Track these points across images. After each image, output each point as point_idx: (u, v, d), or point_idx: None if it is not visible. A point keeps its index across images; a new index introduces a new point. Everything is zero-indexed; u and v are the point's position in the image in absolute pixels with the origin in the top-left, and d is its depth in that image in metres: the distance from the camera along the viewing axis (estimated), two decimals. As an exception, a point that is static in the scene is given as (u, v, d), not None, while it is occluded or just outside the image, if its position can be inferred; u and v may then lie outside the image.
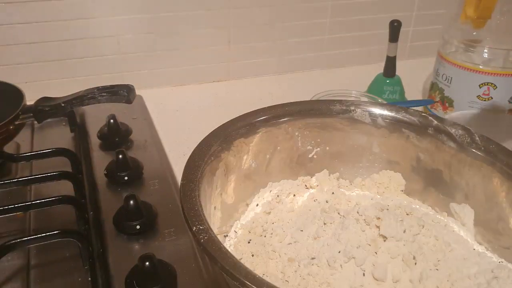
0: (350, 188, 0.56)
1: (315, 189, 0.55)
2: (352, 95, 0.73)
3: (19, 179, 0.55)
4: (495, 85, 0.68)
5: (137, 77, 0.83)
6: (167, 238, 0.49)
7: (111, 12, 0.77)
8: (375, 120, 0.53)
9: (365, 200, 0.53)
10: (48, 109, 0.60)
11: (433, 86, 0.76)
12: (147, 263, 0.42)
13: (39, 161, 0.60)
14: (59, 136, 0.69)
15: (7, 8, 0.71)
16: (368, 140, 0.54)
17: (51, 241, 0.46)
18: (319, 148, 0.55)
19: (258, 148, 0.52)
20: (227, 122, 0.50)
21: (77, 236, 0.47)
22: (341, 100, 0.55)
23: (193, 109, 0.79)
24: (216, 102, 0.82)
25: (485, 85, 0.68)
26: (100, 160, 0.61)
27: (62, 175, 0.55)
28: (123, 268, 0.44)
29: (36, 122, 0.61)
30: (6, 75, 0.71)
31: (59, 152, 0.60)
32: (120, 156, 0.57)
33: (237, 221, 0.51)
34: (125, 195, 0.50)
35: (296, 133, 0.54)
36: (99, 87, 0.60)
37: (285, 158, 0.54)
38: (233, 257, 0.34)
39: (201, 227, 0.36)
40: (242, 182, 0.51)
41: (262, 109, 0.52)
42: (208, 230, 0.36)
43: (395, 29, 0.76)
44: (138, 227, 0.49)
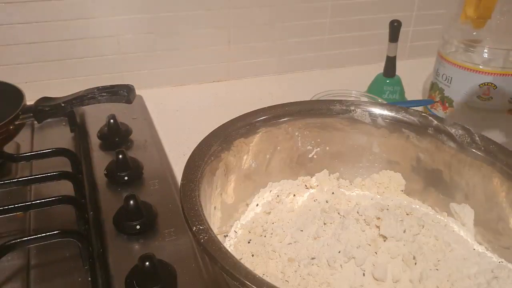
0: (350, 188, 0.56)
1: (315, 189, 0.55)
2: (352, 95, 0.73)
3: (19, 179, 0.55)
4: (495, 85, 0.68)
5: (137, 77, 0.83)
6: (167, 238, 0.49)
7: (111, 12, 0.77)
8: (375, 120, 0.53)
9: (365, 200, 0.53)
10: (48, 109, 0.60)
11: (433, 86, 0.76)
12: (147, 263, 0.42)
13: (39, 161, 0.60)
14: (59, 136, 0.69)
15: (7, 8, 0.71)
16: (368, 140, 0.54)
17: (51, 241, 0.46)
18: (319, 148, 0.55)
19: (258, 148, 0.52)
20: (227, 122, 0.50)
21: (77, 236, 0.47)
22: (341, 100, 0.55)
23: (193, 109, 0.79)
24: (216, 102, 0.82)
25: (485, 85, 0.68)
26: (100, 160, 0.61)
27: (62, 175, 0.55)
28: (123, 268, 0.44)
29: (36, 122, 0.61)
30: (6, 75, 0.71)
31: (59, 152, 0.60)
32: (120, 156, 0.57)
33: (237, 221, 0.51)
34: (125, 195, 0.50)
35: (296, 133, 0.54)
36: (99, 87, 0.60)
37: (285, 158, 0.54)
38: (233, 257, 0.34)
39: (201, 227, 0.36)
40: (242, 182, 0.51)
41: (262, 109, 0.52)
42: (208, 230, 0.36)
43: (395, 29, 0.76)
44: (138, 227, 0.49)
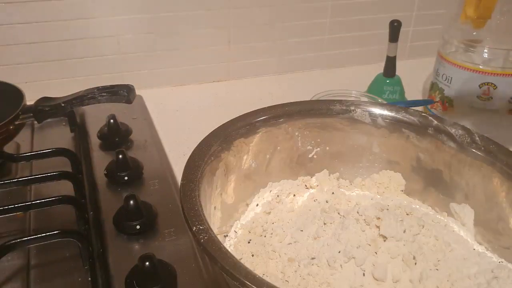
0: (350, 188, 0.56)
1: (315, 189, 0.55)
2: (352, 95, 0.73)
3: (19, 179, 0.55)
4: (495, 85, 0.68)
5: (137, 77, 0.83)
6: (167, 238, 0.49)
7: (111, 12, 0.77)
8: (375, 120, 0.53)
9: (365, 200, 0.53)
10: (48, 109, 0.60)
11: (433, 86, 0.76)
12: (147, 263, 0.42)
13: (39, 161, 0.60)
14: (59, 136, 0.69)
15: (7, 8, 0.71)
16: (368, 140, 0.54)
17: (51, 241, 0.46)
18: (319, 148, 0.55)
19: (258, 148, 0.52)
20: (227, 122, 0.50)
21: (77, 236, 0.47)
22: (341, 100, 0.55)
23: (193, 109, 0.79)
24: (216, 102, 0.82)
25: (485, 85, 0.68)
26: (100, 160, 0.61)
27: (62, 175, 0.55)
28: (123, 268, 0.44)
29: (36, 122, 0.61)
30: (6, 75, 0.71)
31: (59, 152, 0.60)
32: (120, 156, 0.57)
33: (237, 221, 0.51)
34: (125, 195, 0.50)
35: (296, 133, 0.54)
36: (99, 87, 0.60)
37: (285, 158, 0.54)
38: (233, 257, 0.34)
39: (201, 227, 0.36)
40: (242, 182, 0.51)
41: (262, 109, 0.52)
42: (208, 230, 0.36)
43: (395, 29, 0.76)
44: (138, 227, 0.49)
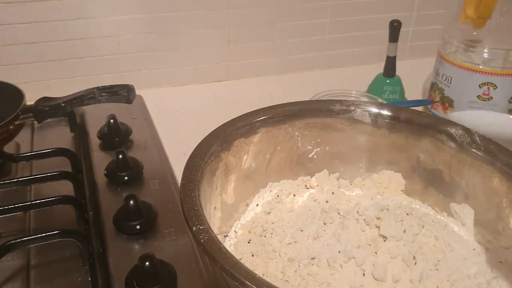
0: (350, 188, 0.56)
1: (315, 189, 0.55)
2: (352, 95, 0.73)
3: (19, 179, 0.55)
4: (495, 85, 0.68)
5: (137, 77, 0.83)
6: (167, 238, 0.49)
7: (111, 12, 0.77)
8: (375, 120, 0.53)
9: (365, 200, 0.53)
10: (48, 109, 0.60)
11: (433, 86, 0.76)
12: (147, 263, 0.42)
13: (39, 161, 0.60)
14: (59, 136, 0.69)
15: (7, 8, 0.71)
16: (368, 140, 0.54)
17: (51, 241, 0.46)
18: (319, 148, 0.55)
19: (258, 148, 0.52)
20: (227, 122, 0.50)
21: (77, 236, 0.47)
22: (341, 100, 0.55)
23: (193, 109, 0.79)
24: (216, 102, 0.82)
25: (485, 85, 0.68)
26: (100, 160, 0.61)
27: (62, 175, 0.55)
28: (123, 268, 0.44)
29: (36, 122, 0.61)
30: (6, 75, 0.71)
31: (59, 152, 0.60)
32: (120, 156, 0.57)
33: (237, 221, 0.51)
34: (125, 195, 0.50)
35: (296, 133, 0.54)
36: (99, 87, 0.60)
37: (285, 158, 0.54)
38: (233, 257, 0.34)
39: (201, 227, 0.36)
40: (242, 182, 0.51)
41: (262, 109, 0.52)
42: (208, 230, 0.36)
43: (395, 29, 0.76)
44: (138, 227, 0.49)
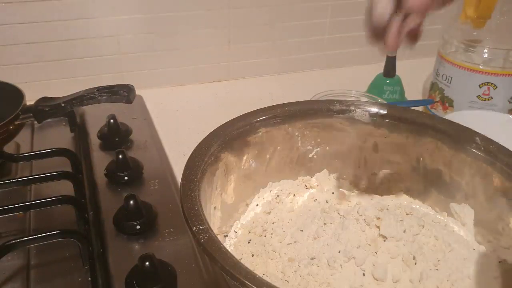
0: (350, 188, 0.56)
1: (315, 189, 0.55)
2: (352, 95, 0.73)
3: (19, 179, 0.55)
4: (495, 85, 0.68)
5: (137, 77, 0.83)
6: (167, 238, 0.49)
7: (111, 12, 0.77)
8: (375, 120, 0.53)
9: (365, 200, 0.53)
10: (48, 109, 0.60)
11: (433, 86, 0.76)
12: (147, 263, 0.42)
13: (39, 161, 0.60)
14: (59, 136, 0.69)
15: (7, 8, 0.71)
16: (368, 140, 0.54)
17: (51, 241, 0.46)
18: (319, 148, 0.55)
19: (258, 148, 0.52)
20: (227, 122, 0.50)
21: (77, 236, 0.47)
22: (341, 100, 0.55)
23: (193, 109, 0.79)
24: (216, 102, 0.82)
25: (485, 85, 0.68)
26: (100, 160, 0.61)
27: (62, 175, 0.55)
28: (123, 268, 0.44)
29: (36, 122, 0.61)
30: (6, 75, 0.71)
31: (59, 152, 0.60)
32: (120, 156, 0.57)
33: (237, 221, 0.51)
34: (125, 195, 0.50)
35: (296, 133, 0.54)
36: (99, 87, 0.60)
37: (285, 158, 0.54)
38: (233, 257, 0.34)
39: (201, 227, 0.36)
40: (242, 182, 0.51)
41: (262, 109, 0.52)
42: (208, 230, 0.36)
43: (395, 29, 0.76)
44: (138, 227, 0.49)
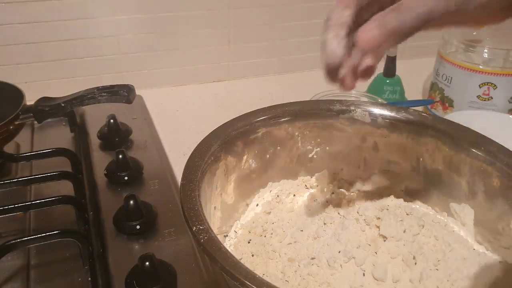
0: (350, 188, 0.56)
1: (315, 189, 0.55)
2: (352, 95, 0.73)
3: (19, 179, 0.55)
4: (495, 85, 0.68)
5: (137, 77, 0.83)
6: (167, 238, 0.49)
7: (111, 12, 0.77)
8: (375, 120, 0.53)
9: (365, 200, 0.53)
10: (48, 109, 0.60)
11: (433, 86, 0.76)
12: (147, 263, 0.42)
13: (39, 161, 0.60)
14: (59, 136, 0.69)
15: (7, 8, 0.71)
16: (368, 140, 0.54)
17: (51, 241, 0.46)
18: (319, 148, 0.55)
19: (258, 148, 0.52)
20: (227, 122, 0.50)
21: (77, 236, 0.47)
22: (341, 100, 0.55)
23: (193, 109, 0.79)
24: (216, 102, 0.82)
25: (485, 85, 0.68)
26: (100, 160, 0.61)
27: (62, 175, 0.55)
28: (123, 268, 0.44)
29: (36, 122, 0.61)
30: (6, 75, 0.71)
31: (59, 152, 0.60)
32: (120, 156, 0.57)
33: (237, 221, 0.51)
34: (125, 195, 0.50)
35: (296, 133, 0.54)
36: (99, 87, 0.60)
37: (285, 158, 0.54)
38: (233, 257, 0.34)
39: (201, 227, 0.36)
40: (242, 182, 0.51)
41: (262, 109, 0.52)
42: (208, 230, 0.36)
43: (395, 29, 0.76)
44: (138, 227, 0.49)
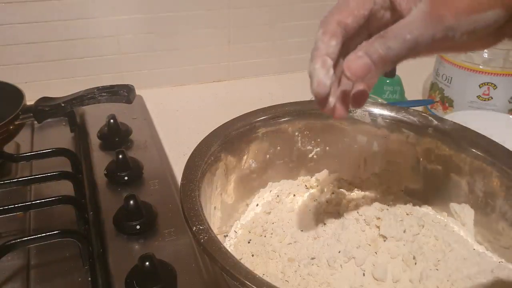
0: (350, 188, 0.56)
1: (315, 189, 0.55)
2: (352, 95, 0.73)
3: (19, 179, 0.55)
4: (495, 85, 0.68)
5: (137, 77, 0.83)
6: (167, 238, 0.49)
7: (111, 12, 0.77)
8: (375, 120, 0.53)
9: (365, 200, 0.53)
10: (48, 109, 0.60)
11: (433, 86, 0.76)
12: (147, 263, 0.42)
13: (39, 161, 0.60)
14: (59, 136, 0.69)
15: (7, 8, 0.71)
16: (368, 140, 0.54)
17: (51, 241, 0.46)
18: (319, 148, 0.55)
19: (258, 148, 0.52)
20: (227, 122, 0.50)
21: (77, 236, 0.47)
22: (341, 100, 0.55)
23: (193, 109, 0.79)
24: (216, 102, 0.82)
25: (485, 85, 0.68)
26: (100, 160, 0.61)
27: (62, 175, 0.55)
28: (123, 268, 0.44)
29: (36, 122, 0.61)
30: (6, 75, 0.71)
31: (59, 152, 0.60)
32: (120, 156, 0.57)
33: (237, 221, 0.51)
34: (125, 195, 0.50)
35: (296, 133, 0.54)
36: (99, 87, 0.60)
37: (285, 158, 0.54)
38: (233, 257, 0.34)
39: (201, 227, 0.36)
40: (242, 182, 0.51)
41: (262, 109, 0.52)
42: (208, 230, 0.36)
43: (395, 29, 0.76)
44: (138, 227, 0.49)
